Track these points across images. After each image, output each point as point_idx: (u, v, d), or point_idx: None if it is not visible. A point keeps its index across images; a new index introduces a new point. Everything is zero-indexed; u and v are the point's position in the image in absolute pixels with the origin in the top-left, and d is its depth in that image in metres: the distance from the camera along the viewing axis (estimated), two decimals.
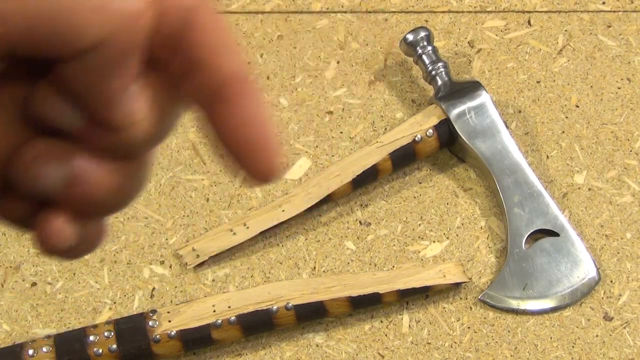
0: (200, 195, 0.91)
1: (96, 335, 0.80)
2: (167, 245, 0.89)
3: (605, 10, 1.01)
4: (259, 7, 1.02)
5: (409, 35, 0.93)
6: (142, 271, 0.88)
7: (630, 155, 0.93)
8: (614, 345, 0.84)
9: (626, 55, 0.98)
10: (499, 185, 0.88)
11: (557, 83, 0.97)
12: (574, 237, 0.87)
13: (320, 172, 0.91)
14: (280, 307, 0.82)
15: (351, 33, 1.00)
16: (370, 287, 0.83)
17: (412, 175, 0.92)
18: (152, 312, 0.82)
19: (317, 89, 0.97)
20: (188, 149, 0.94)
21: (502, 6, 1.02)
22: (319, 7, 1.02)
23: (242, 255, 0.89)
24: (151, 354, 0.80)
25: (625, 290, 0.86)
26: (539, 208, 0.87)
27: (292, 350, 0.84)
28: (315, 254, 0.88)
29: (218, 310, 0.82)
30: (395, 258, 0.88)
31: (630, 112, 0.95)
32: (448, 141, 0.91)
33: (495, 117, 0.90)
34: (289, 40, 1.00)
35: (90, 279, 0.87)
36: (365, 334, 0.85)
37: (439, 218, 0.90)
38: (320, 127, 0.95)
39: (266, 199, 0.91)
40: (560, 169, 0.92)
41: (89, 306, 0.86)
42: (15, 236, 0.89)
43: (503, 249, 0.88)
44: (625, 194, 0.91)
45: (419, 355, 0.84)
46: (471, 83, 0.92)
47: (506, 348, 0.84)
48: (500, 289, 0.85)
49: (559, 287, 0.85)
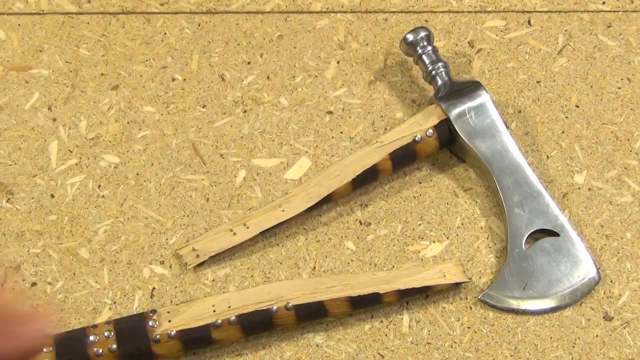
0: (200, 195, 0.91)
1: (96, 335, 0.80)
2: (167, 245, 0.89)
3: (605, 10, 1.01)
4: (259, 7, 1.02)
5: (409, 35, 0.94)
6: (142, 271, 0.88)
7: (630, 155, 0.93)
8: (614, 345, 0.84)
9: (626, 55, 0.98)
10: (499, 185, 0.88)
11: (557, 83, 0.97)
12: (574, 237, 0.87)
13: (320, 172, 0.91)
14: (280, 307, 0.82)
15: (351, 33, 1.00)
16: (370, 287, 0.83)
17: (412, 175, 0.93)
18: (152, 312, 0.82)
19: (317, 89, 0.97)
20: (188, 149, 0.94)
21: (502, 6, 1.02)
22: (319, 7, 1.02)
23: (242, 255, 0.89)
24: (151, 354, 0.81)
25: (625, 290, 0.86)
26: (539, 208, 0.87)
27: (292, 350, 0.84)
28: (315, 254, 0.88)
29: (218, 310, 0.82)
30: (395, 258, 0.88)
31: (630, 112, 0.95)
32: (448, 141, 0.91)
33: (495, 117, 0.90)
34: (289, 40, 1.00)
35: (90, 279, 0.87)
36: (365, 334, 0.85)
37: (439, 218, 0.90)
38: (320, 127, 0.95)
39: (266, 199, 0.91)
40: (560, 169, 0.92)
41: (89, 306, 0.86)
42: (15, 236, 0.89)
43: (503, 249, 0.88)
44: (625, 194, 0.91)
45: (419, 355, 0.84)
46: (471, 83, 0.92)
47: (506, 348, 0.84)
48: (500, 289, 0.85)
49: (559, 287, 0.85)
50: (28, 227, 0.90)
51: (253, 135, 0.94)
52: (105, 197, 0.91)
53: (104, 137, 0.94)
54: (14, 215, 0.90)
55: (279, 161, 0.93)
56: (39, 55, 0.99)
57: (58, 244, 0.89)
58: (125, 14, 1.02)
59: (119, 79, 0.98)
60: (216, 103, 0.96)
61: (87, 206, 0.91)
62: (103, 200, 0.91)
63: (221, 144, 0.94)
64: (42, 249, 0.89)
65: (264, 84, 0.97)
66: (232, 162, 0.93)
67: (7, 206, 0.91)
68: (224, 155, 0.93)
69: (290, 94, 0.97)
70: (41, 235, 0.89)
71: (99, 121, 0.95)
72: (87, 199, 0.91)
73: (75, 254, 0.88)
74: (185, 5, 1.03)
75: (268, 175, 0.92)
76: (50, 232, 0.89)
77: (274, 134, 0.95)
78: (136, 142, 0.94)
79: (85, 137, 0.94)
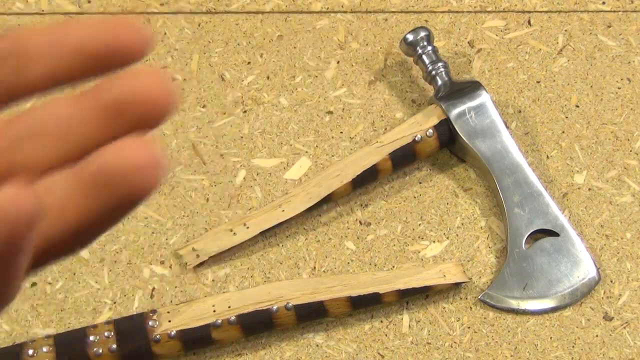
0: (200, 195, 0.91)
1: (96, 335, 0.80)
2: (167, 245, 0.89)
3: (605, 10, 1.01)
4: (259, 7, 1.02)
5: (409, 35, 0.94)
6: (142, 271, 0.88)
7: (630, 155, 0.93)
8: (614, 345, 0.84)
9: (626, 55, 0.98)
10: (499, 185, 0.88)
11: (557, 83, 0.97)
12: (574, 237, 0.87)
13: (320, 172, 0.91)
14: (280, 307, 0.82)
15: (351, 33, 1.00)
16: (370, 287, 0.83)
17: (412, 175, 0.93)
18: (152, 312, 0.82)
19: (317, 89, 0.97)
20: (188, 149, 0.94)
21: (502, 6, 1.02)
22: (319, 7, 1.02)
23: (242, 255, 0.89)
24: (151, 354, 0.80)
25: (625, 290, 0.86)
26: (539, 208, 0.87)
27: (292, 350, 0.84)
28: (315, 254, 0.88)
29: (218, 310, 0.82)
30: (395, 258, 0.88)
31: (630, 112, 0.95)
32: (448, 141, 0.91)
33: (495, 117, 0.90)
34: (289, 40, 1.00)
35: (90, 279, 0.87)
36: (365, 334, 0.85)
37: (439, 218, 0.90)
38: (320, 127, 0.95)
39: (266, 199, 0.91)
40: (560, 169, 0.92)
41: (89, 306, 0.86)
42: None
43: (503, 249, 0.88)
44: (625, 194, 0.91)
45: (419, 355, 0.84)
46: (471, 83, 0.92)
47: (506, 348, 0.84)
48: (500, 289, 0.85)
49: (559, 287, 0.85)
50: None
51: (253, 135, 0.94)
52: None
53: None
54: None
55: (279, 161, 0.93)
56: None
57: None
58: (125, 14, 1.02)
59: None
60: (216, 103, 0.96)
61: None
62: None
63: (221, 144, 0.94)
64: None
65: (264, 84, 0.97)
66: (232, 162, 0.93)
67: None
68: (224, 155, 0.93)
69: (290, 94, 0.97)
70: None
71: None
72: None
73: None
74: (185, 5, 1.03)
75: (268, 175, 0.92)
76: None
77: (274, 134, 0.95)
78: None
79: None
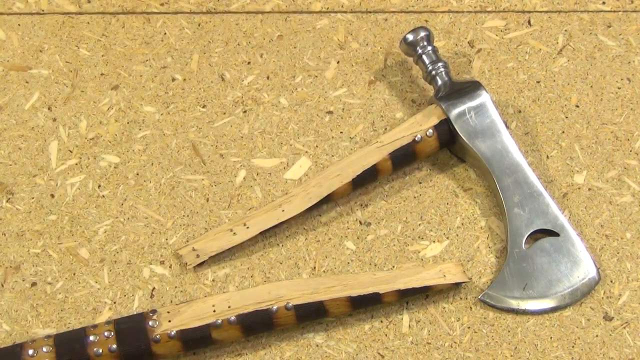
0: (200, 195, 0.91)
1: (96, 335, 0.80)
2: (167, 245, 0.89)
3: (605, 10, 1.01)
4: (259, 7, 1.02)
5: (409, 35, 0.94)
6: (142, 271, 0.88)
7: (630, 155, 0.93)
8: (614, 345, 0.84)
9: (626, 55, 0.98)
10: (499, 185, 0.88)
11: (557, 83, 0.97)
12: (574, 237, 0.87)
13: (320, 172, 0.91)
14: (280, 307, 0.82)
15: (351, 33, 1.00)
16: (370, 287, 0.83)
17: (412, 175, 0.93)
18: (152, 312, 0.82)
19: (317, 89, 0.97)
20: (188, 149, 0.94)
21: (502, 6, 1.02)
22: (319, 7, 1.02)
23: (242, 255, 0.89)
24: (151, 354, 0.81)
25: (625, 290, 0.86)
26: (539, 208, 0.87)
27: (292, 350, 0.84)
28: (315, 254, 0.88)
29: (218, 310, 0.82)
30: (395, 258, 0.88)
31: (630, 112, 0.95)
32: (448, 141, 0.91)
33: (495, 117, 0.90)
34: (289, 40, 1.00)
35: (90, 279, 0.87)
36: (365, 334, 0.85)
37: (439, 218, 0.90)
38: (320, 127, 0.95)
39: (266, 199, 0.91)
40: (560, 169, 0.92)
41: (89, 306, 0.86)
42: (15, 236, 0.89)
43: (503, 249, 0.88)
44: (625, 194, 0.91)
45: (419, 355, 0.84)
46: (471, 83, 0.92)
47: (506, 348, 0.84)
48: (500, 289, 0.85)
49: (559, 287, 0.85)
50: (28, 227, 0.90)
51: (253, 135, 0.94)
52: (105, 197, 0.91)
53: (104, 137, 0.94)
54: (14, 215, 0.90)
55: (279, 161, 0.93)
56: (39, 55, 0.99)
57: (58, 244, 0.89)
58: (125, 14, 1.02)
59: (119, 79, 0.98)
60: (216, 103, 0.96)
61: (87, 206, 0.91)
62: (103, 200, 0.91)
63: (221, 144, 0.94)
64: (42, 249, 0.89)
65: (264, 84, 0.97)
66: (232, 162, 0.93)
67: (7, 206, 0.91)
68: (224, 155, 0.93)
69: (290, 94, 0.97)
70: (41, 235, 0.89)
71: (99, 121, 0.95)
72: (87, 199, 0.91)
73: (75, 254, 0.88)
74: (185, 5, 1.03)
75: (268, 175, 0.92)
76: (50, 232, 0.89)
77: (274, 134, 0.95)
78: (136, 142, 0.94)
79: (85, 137, 0.94)
